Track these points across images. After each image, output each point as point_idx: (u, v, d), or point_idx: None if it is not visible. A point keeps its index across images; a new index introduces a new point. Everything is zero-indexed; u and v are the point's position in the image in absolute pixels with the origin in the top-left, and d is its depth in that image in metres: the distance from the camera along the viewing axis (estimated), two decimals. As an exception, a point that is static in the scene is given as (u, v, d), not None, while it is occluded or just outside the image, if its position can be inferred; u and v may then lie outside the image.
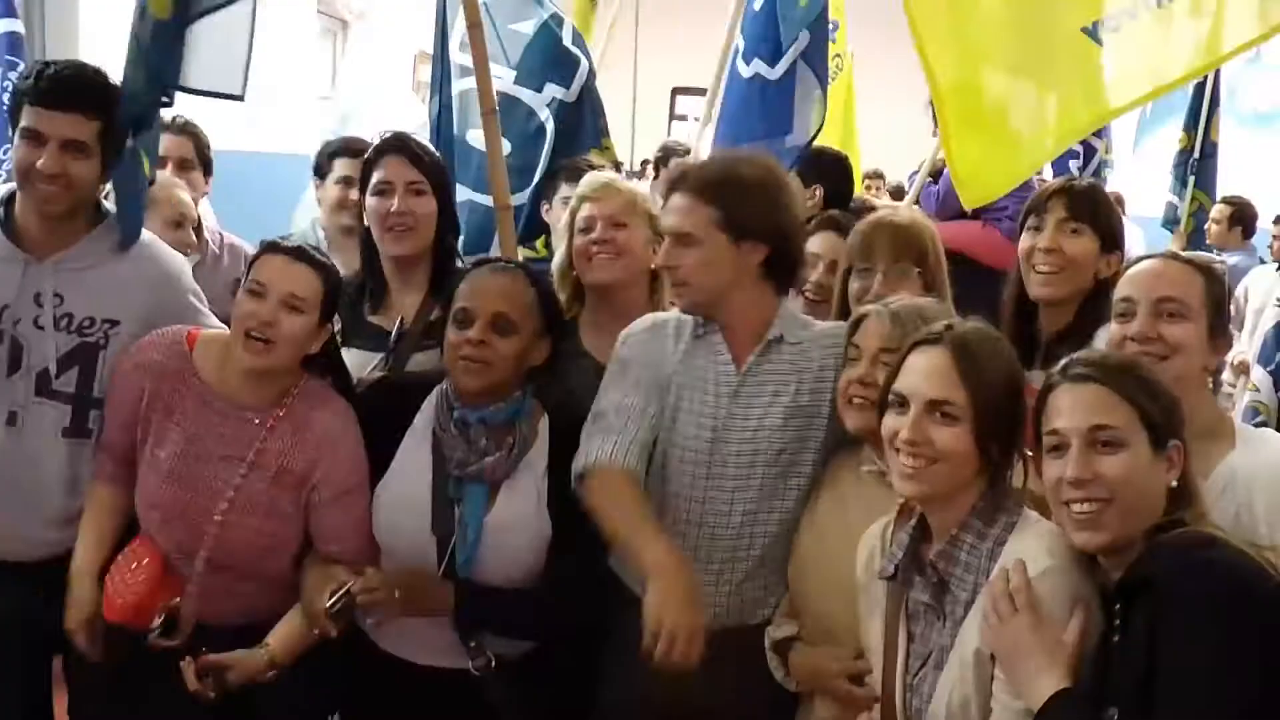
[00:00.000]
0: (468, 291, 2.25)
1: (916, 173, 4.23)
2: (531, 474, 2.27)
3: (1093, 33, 2.32)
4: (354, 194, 3.09)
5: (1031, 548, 1.71)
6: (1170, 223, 5.78)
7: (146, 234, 2.45)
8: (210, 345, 2.28)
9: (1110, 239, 2.35)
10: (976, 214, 4.33)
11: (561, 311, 2.44)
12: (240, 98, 2.45)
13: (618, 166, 2.96)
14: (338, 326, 2.43)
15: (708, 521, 2.23)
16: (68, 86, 2.25)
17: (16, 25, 4.50)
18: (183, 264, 2.49)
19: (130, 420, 2.26)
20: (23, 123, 2.26)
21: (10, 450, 2.31)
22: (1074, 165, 5.06)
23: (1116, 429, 1.65)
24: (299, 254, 2.24)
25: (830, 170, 3.92)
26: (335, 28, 9.08)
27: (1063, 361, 1.75)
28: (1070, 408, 1.68)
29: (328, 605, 2.14)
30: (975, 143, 2.50)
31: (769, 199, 2.26)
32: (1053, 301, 2.33)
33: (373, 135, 2.94)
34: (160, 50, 2.31)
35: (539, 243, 3.34)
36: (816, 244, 2.86)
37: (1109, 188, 4.31)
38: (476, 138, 3.20)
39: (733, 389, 2.23)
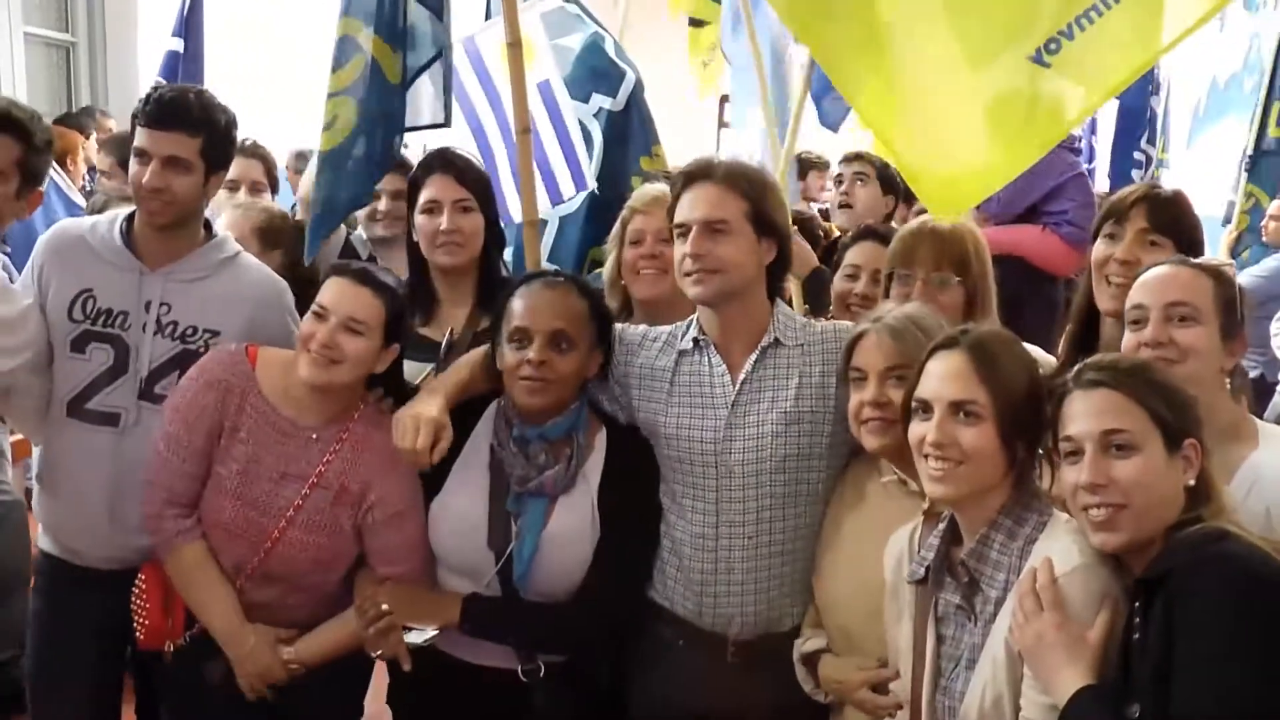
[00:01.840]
0: (522, 310, 2.29)
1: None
2: (586, 486, 2.33)
3: (1037, 58, 2.36)
4: (382, 205, 3.24)
5: (1061, 546, 1.76)
6: (1228, 221, 5.65)
7: (249, 256, 2.67)
8: (272, 363, 2.38)
9: (1191, 251, 2.28)
10: (1027, 216, 4.36)
11: (612, 320, 2.48)
12: (448, 124, 3.06)
13: (668, 176, 3.06)
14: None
15: (722, 534, 2.27)
16: (170, 108, 2.44)
17: (177, 45, 4.80)
18: (284, 287, 2.63)
19: (199, 446, 2.34)
20: (135, 142, 2.47)
21: (115, 453, 2.46)
22: (1136, 175, 5.03)
23: (1129, 433, 1.70)
24: (362, 277, 2.33)
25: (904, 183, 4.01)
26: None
27: (1075, 368, 1.80)
28: (1083, 414, 1.73)
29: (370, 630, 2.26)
30: (931, 175, 2.57)
31: (780, 200, 2.36)
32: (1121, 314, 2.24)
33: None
34: (397, 106, 2.96)
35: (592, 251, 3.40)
36: (858, 255, 2.89)
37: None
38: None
39: (730, 398, 2.28)
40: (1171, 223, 2.32)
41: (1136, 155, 5.08)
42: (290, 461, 2.35)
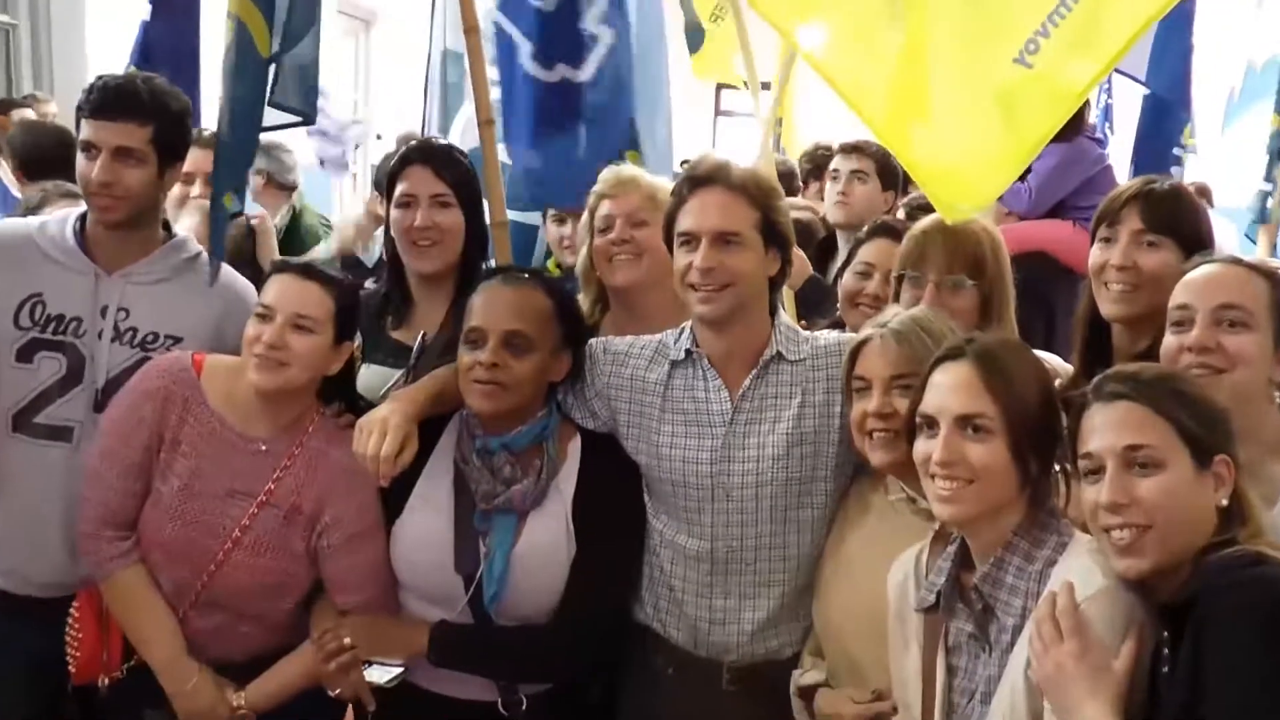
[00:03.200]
0: (479, 308, 2.30)
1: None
2: (560, 499, 2.33)
3: (1020, 60, 2.38)
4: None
5: (1082, 569, 1.74)
6: (1258, 215, 5.55)
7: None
8: (219, 371, 2.35)
9: (1196, 248, 2.23)
10: (1055, 211, 4.37)
11: (583, 320, 2.50)
12: (313, 120, 2.81)
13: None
14: (357, 344, 2.53)
15: (718, 560, 2.28)
16: (116, 96, 2.41)
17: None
18: (250, 287, 2.60)
19: (137, 461, 2.31)
20: (80, 135, 2.45)
21: (68, 470, 2.42)
22: (1177, 172, 4.99)
23: (1152, 448, 1.68)
24: (307, 271, 2.32)
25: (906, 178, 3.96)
26: (357, 28, 9.22)
27: (1094, 379, 1.79)
28: (1103, 428, 1.72)
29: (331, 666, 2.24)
30: (935, 171, 2.57)
31: (785, 207, 2.36)
32: (1127, 321, 2.29)
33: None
34: (259, 86, 2.66)
35: (550, 262, 3.40)
36: (872, 252, 2.89)
37: (1191, 178, 4.27)
38: (504, 150, 3.25)
39: (728, 417, 2.28)
40: (1169, 220, 2.29)
41: (1176, 151, 5.02)
42: (237, 476, 2.32)
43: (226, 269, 2.64)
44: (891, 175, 4.13)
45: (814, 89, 4.32)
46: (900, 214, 3.81)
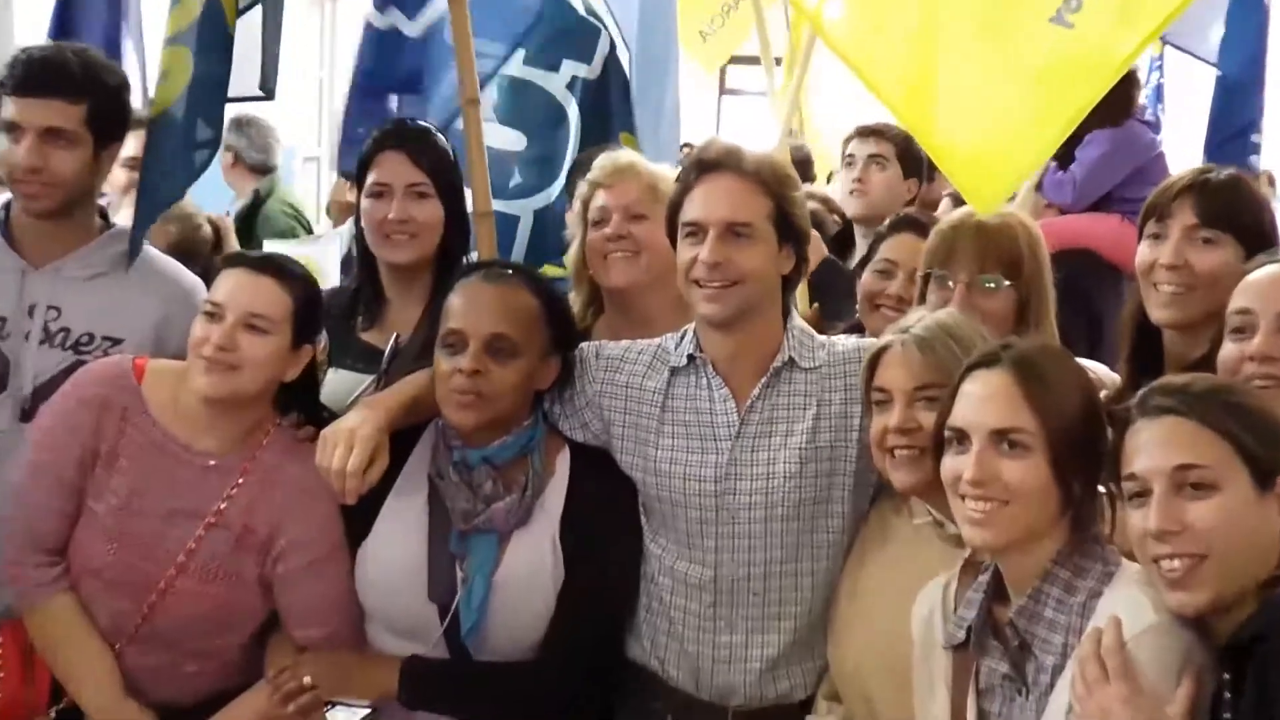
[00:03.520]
0: (458, 308, 2.29)
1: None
2: (546, 518, 2.32)
3: (1059, 19, 2.37)
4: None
5: (1131, 602, 1.73)
6: None
7: (156, 251, 2.60)
8: (163, 377, 2.34)
9: (1258, 245, 2.21)
10: (1101, 205, 4.35)
11: (573, 322, 2.51)
12: (271, 96, 2.83)
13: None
14: (323, 346, 2.52)
15: (723, 591, 2.28)
16: (44, 70, 2.40)
17: None
18: (198, 283, 2.61)
19: (69, 477, 2.29)
20: (4, 115, 2.43)
21: None
22: (1255, 162, 4.97)
23: (1206, 468, 1.67)
24: (262, 265, 2.32)
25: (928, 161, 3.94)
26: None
27: (1140, 393, 1.78)
28: (1149, 446, 1.71)
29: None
30: (962, 154, 2.57)
31: (802, 198, 2.35)
32: (1180, 326, 2.27)
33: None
34: (224, 61, 2.69)
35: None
36: (895, 248, 2.89)
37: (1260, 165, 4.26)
38: (488, 133, 3.23)
39: (734, 430, 2.28)
40: (1227, 213, 2.27)
41: (1255, 138, 4.99)
42: (182, 495, 2.30)
43: (170, 262, 2.63)
44: (914, 161, 4.12)
45: (830, 66, 4.32)
46: (944, 205, 3.80)
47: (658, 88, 3.78)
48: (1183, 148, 5.67)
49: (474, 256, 2.90)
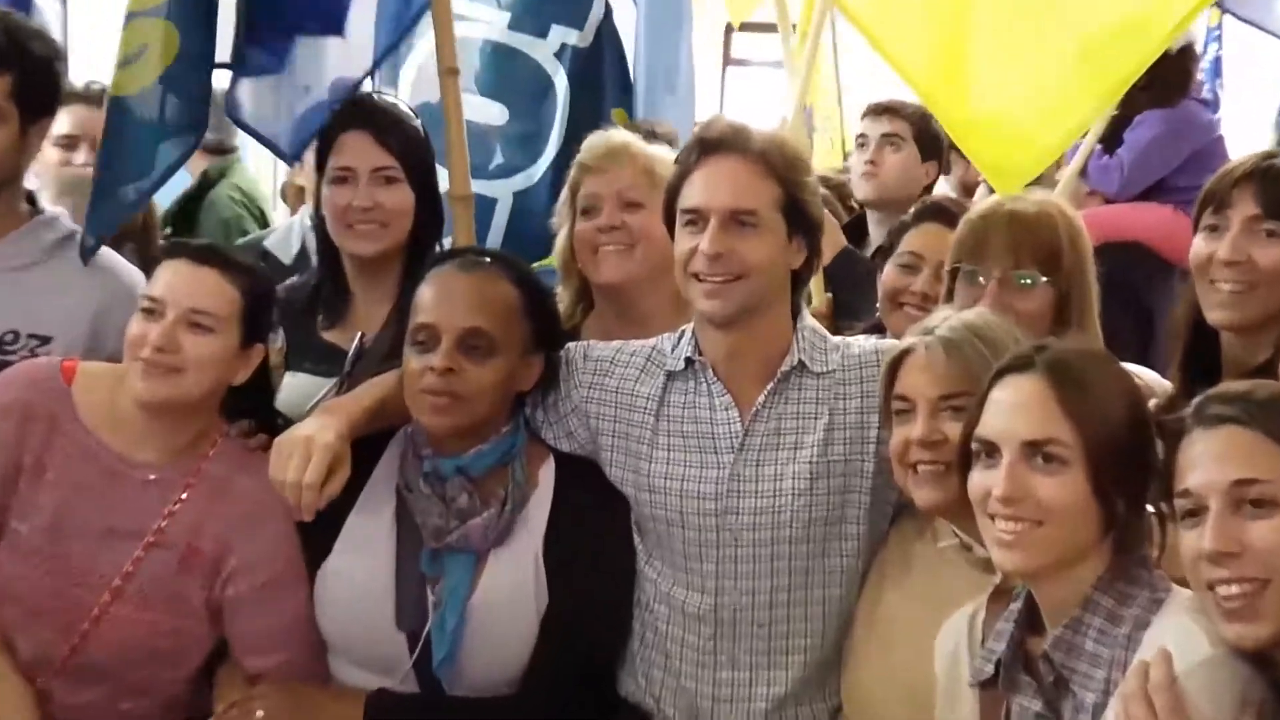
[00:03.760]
0: (429, 300, 2.30)
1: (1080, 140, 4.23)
2: (528, 535, 2.34)
3: None
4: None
5: (1182, 633, 1.72)
6: None
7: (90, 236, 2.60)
8: (96, 381, 2.34)
9: None
10: (1152, 193, 4.37)
11: (557, 316, 2.52)
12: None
13: (651, 134, 3.03)
14: (279, 346, 2.55)
15: (724, 620, 2.29)
16: None
17: None
18: (138, 275, 2.62)
19: None
20: None
21: None
22: None
23: (1268, 483, 1.66)
24: (206, 255, 2.32)
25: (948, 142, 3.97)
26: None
27: (1195, 401, 1.78)
28: (1205, 459, 1.71)
29: None
30: (986, 128, 2.58)
31: (815, 184, 2.36)
32: (1239, 328, 2.27)
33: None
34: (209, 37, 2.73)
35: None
36: (919, 240, 2.90)
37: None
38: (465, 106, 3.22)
39: (737, 441, 2.29)
40: None
41: None
42: (118, 512, 2.30)
43: (107, 250, 2.63)
44: (932, 142, 4.14)
45: (846, 34, 4.33)
46: (982, 190, 3.81)
47: (669, 51, 3.80)
48: (1244, 129, 5.68)
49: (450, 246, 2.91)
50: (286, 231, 3.67)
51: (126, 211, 2.84)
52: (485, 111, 3.37)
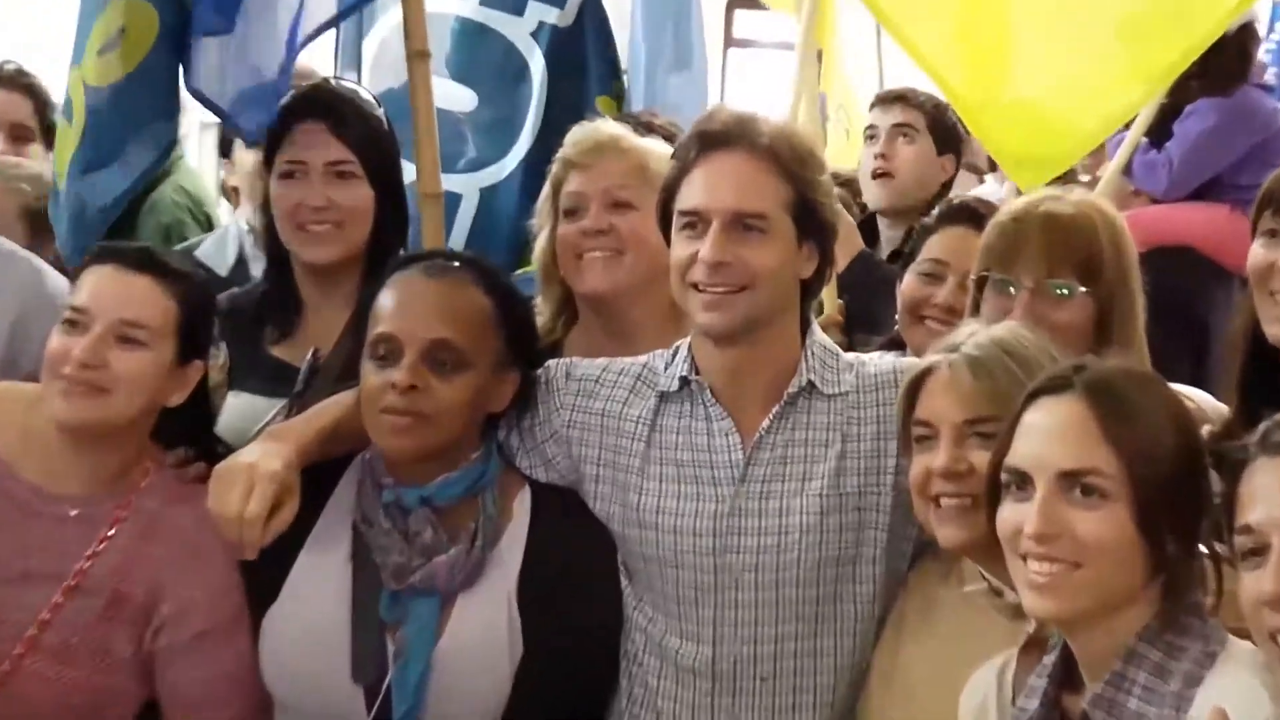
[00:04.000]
0: (390, 308, 2.31)
1: (1123, 132, 4.24)
2: (502, 575, 2.34)
3: None
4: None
5: (1242, 689, 1.72)
6: None
7: (7, 242, 2.66)
8: (9, 402, 2.36)
9: None
10: (1206, 191, 4.38)
11: (534, 329, 2.53)
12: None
13: (647, 126, 3.03)
14: (222, 362, 2.55)
15: (723, 673, 2.29)
16: None
17: None
18: (63, 286, 2.62)
19: None
20: None
21: None
22: None
23: None
24: (139, 260, 2.32)
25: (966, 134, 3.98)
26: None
27: (1261, 427, 1.77)
28: (1272, 492, 1.70)
29: None
30: (1009, 116, 2.58)
31: (829, 183, 2.36)
32: None
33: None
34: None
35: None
36: (943, 245, 2.91)
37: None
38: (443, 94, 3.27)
39: (738, 472, 2.29)
40: None
41: None
42: (34, 552, 2.30)
43: (23, 254, 2.65)
44: (948, 134, 4.15)
45: (858, 13, 4.35)
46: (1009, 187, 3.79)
47: (677, 24, 3.84)
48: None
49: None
50: (220, 239, 3.67)
51: (108, 216, 2.88)
52: (453, 97, 3.39)
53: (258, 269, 3.30)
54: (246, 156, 3.48)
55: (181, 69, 2.86)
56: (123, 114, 2.83)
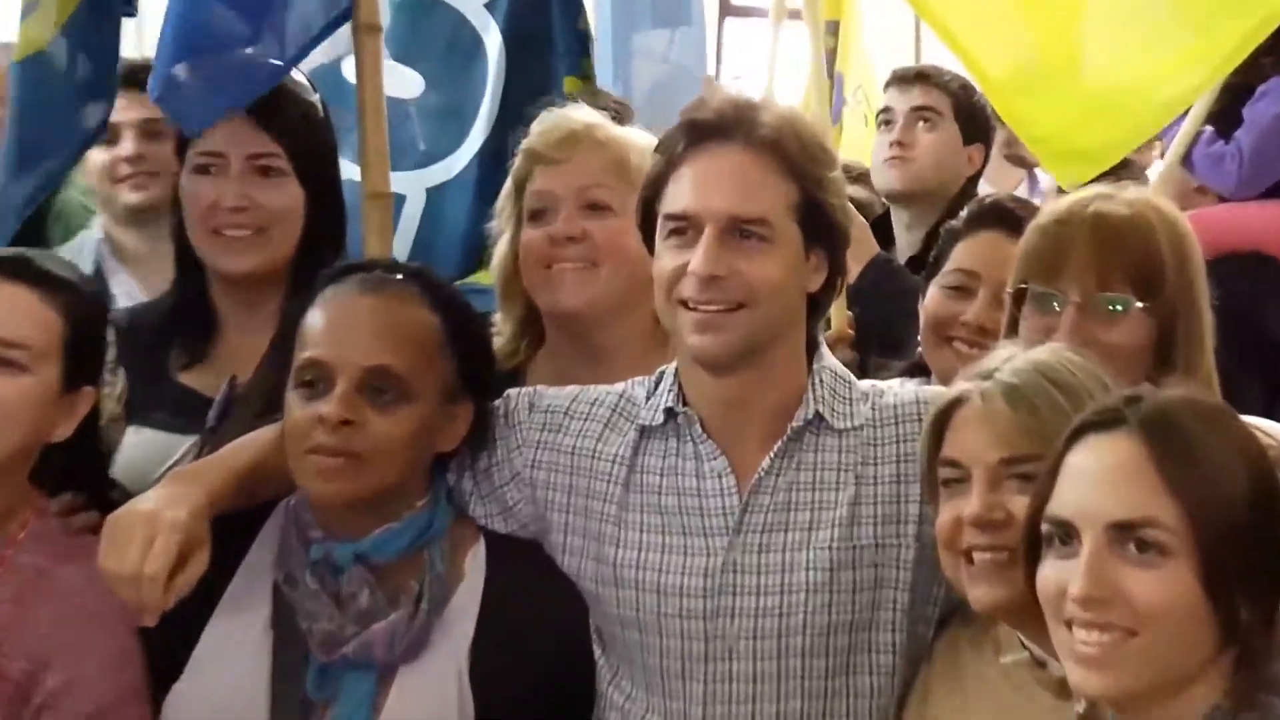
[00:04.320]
0: (320, 328, 2.32)
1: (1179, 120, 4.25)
2: (451, 645, 2.34)
3: None
4: (126, 147, 3.31)
5: None
6: None
7: None
8: None
9: None
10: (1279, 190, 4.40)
11: (490, 352, 2.52)
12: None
13: (621, 112, 3.03)
14: (119, 391, 2.55)
15: None
16: None
17: None
18: None
19: None
20: None
21: None
22: None
23: None
24: (16, 268, 2.33)
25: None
26: None
27: None
28: None
29: None
30: (1044, 100, 2.59)
31: (841, 180, 2.36)
32: None
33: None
34: None
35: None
36: (972, 253, 2.93)
37: None
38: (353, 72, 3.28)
39: (733, 520, 2.29)
40: None
41: None
42: None
43: None
44: (977, 119, 4.17)
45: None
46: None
47: None
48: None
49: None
50: (76, 251, 3.66)
51: (38, 197, 2.98)
52: (394, 81, 3.37)
53: (119, 285, 3.37)
54: (96, 155, 3.47)
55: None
56: (43, 88, 2.87)
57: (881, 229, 4.15)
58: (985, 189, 4.26)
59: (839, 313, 3.38)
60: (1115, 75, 2.66)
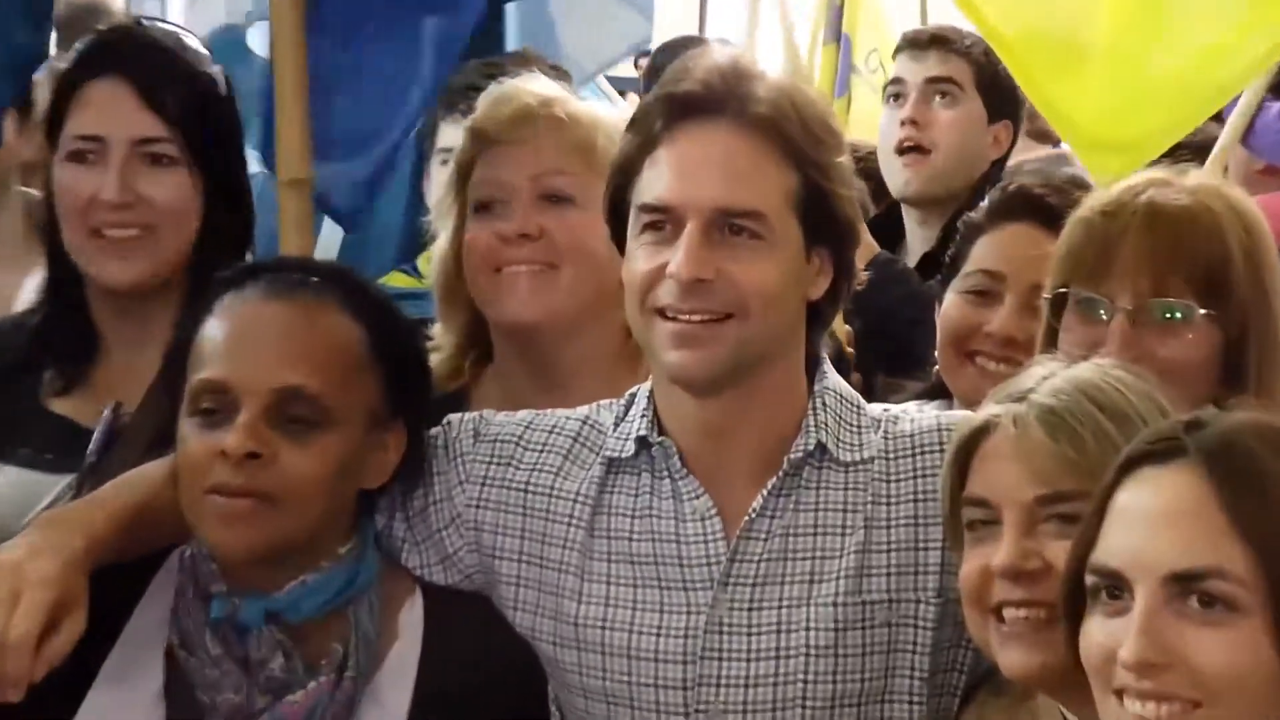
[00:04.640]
0: (220, 342, 2.33)
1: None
2: (383, 716, 2.32)
3: None
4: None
5: None
6: None
7: None
8: None
9: None
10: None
11: (426, 369, 2.51)
12: None
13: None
14: None
15: None
16: None
17: None
18: None
19: None
20: None
21: None
22: None
23: None
24: None
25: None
26: None
27: None
28: None
29: None
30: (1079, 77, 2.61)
31: (848, 166, 2.37)
32: None
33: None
34: None
35: (422, 259, 3.44)
36: (994, 253, 2.95)
37: None
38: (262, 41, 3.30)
39: (719, 570, 2.29)
40: None
41: None
42: None
43: None
44: (1005, 93, 4.17)
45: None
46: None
47: None
48: None
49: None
50: None
51: None
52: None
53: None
54: None
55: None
56: None
57: (887, 223, 4.16)
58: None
59: (836, 328, 3.37)
60: (1162, 49, 2.67)
